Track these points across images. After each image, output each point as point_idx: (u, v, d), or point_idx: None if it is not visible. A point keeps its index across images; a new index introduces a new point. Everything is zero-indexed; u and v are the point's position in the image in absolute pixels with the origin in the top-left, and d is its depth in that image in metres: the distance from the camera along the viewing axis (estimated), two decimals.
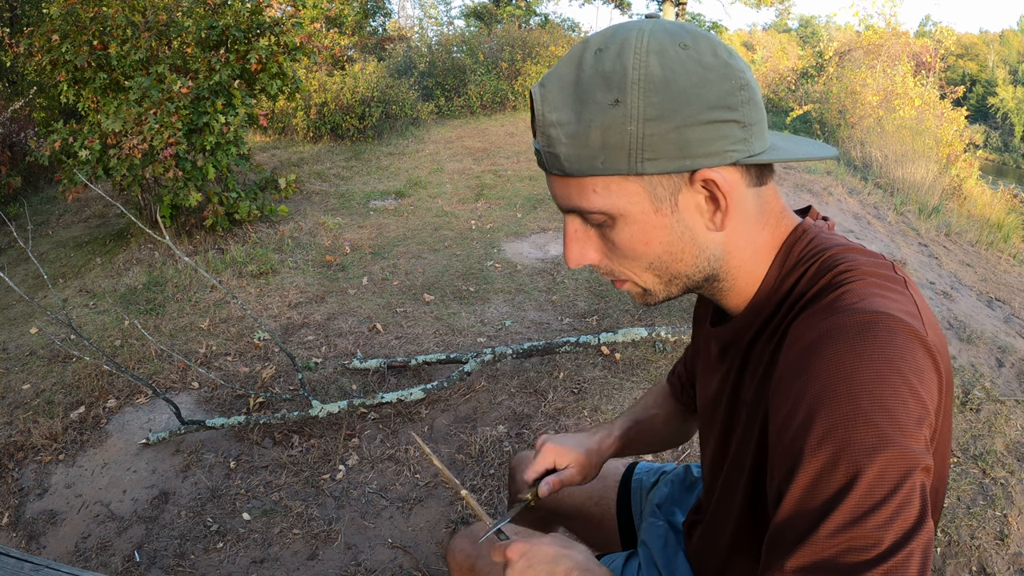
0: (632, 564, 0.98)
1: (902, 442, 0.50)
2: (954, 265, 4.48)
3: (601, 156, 0.57)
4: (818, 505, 0.51)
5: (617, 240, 0.62)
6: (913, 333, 0.53)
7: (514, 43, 10.65)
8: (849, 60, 9.37)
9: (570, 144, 0.58)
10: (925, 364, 0.53)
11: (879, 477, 0.49)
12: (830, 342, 0.54)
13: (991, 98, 28.14)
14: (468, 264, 4.01)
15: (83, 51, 4.14)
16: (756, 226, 0.64)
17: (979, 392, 2.51)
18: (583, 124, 0.56)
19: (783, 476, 0.54)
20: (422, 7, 19.70)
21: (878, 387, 0.51)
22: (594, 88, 0.56)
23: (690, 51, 0.56)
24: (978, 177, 8.10)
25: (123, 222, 4.99)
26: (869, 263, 0.60)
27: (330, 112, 7.82)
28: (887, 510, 0.49)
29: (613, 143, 0.56)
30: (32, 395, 2.66)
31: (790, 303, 0.63)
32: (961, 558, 1.78)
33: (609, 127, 0.56)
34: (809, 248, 0.64)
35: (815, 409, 0.52)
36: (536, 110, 0.59)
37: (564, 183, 0.61)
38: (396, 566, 1.82)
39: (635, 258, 0.63)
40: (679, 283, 0.66)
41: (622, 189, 0.59)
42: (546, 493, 0.93)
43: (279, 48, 4.62)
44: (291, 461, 2.24)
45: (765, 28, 34.92)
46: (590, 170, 0.58)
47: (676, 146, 0.56)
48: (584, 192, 0.60)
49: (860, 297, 0.56)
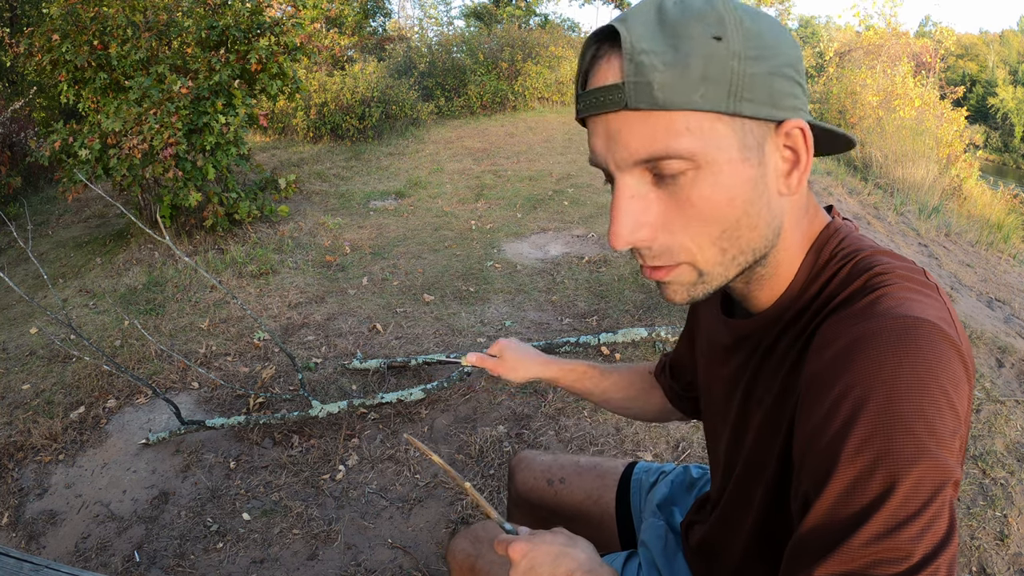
0: (632, 564, 0.98)
1: (938, 454, 0.49)
2: (954, 265, 4.48)
3: (701, 88, 0.52)
4: (852, 513, 0.50)
5: (696, 196, 0.56)
6: (951, 341, 0.52)
7: (514, 43, 10.65)
8: (849, 60, 9.38)
9: (667, 71, 0.52)
10: (960, 374, 0.52)
11: (915, 488, 0.48)
12: (869, 346, 0.52)
13: (991, 98, 28.14)
14: (468, 264, 4.01)
15: (83, 51, 4.14)
16: (800, 212, 0.62)
17: (979, 392, 2.51)
18: (682, 55, 0.52)
19: (815, 481, 0.53)
20: (422, 7, 19.71)
21: (919, 395, 0.50)
22: (689, 24, 0.52)
23: (766, 14, 0.57)
24: (978, 177, 8.10)
25: (123, 222, 4.99)
26: (903, 267, 0.59)
27: (330, 112, 7.82)
28: (920, 522, 0.48)
29: (715, 76, 0.52)
30: (32, 395, 2.66)
31: (820, 304, 0.61)
32: (961, 558, 1.78)
33: (712, 58, 0.52)
34: (841, 248, 0.62)
35: (855, 414, 0.51)
36: (623, 39, 0.53)
37: (645, 122, 0.54)
38: (396, 566, 1.82)
39: (710, 221, 0.57)
40: (741, 261, 0.60)
41: (714, 130, 0.54)
42: (472, 361, 1.07)
43: (279, 48, 4.62)
44: (291, 461, 2.24)
45: None
46: (686, 103, 0.52)
47: (768, 92, 0.54)
48: (673, 130, 0.53)
49: (898, 302, 0.54)
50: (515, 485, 1.22)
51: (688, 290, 0.61)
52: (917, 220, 5.58)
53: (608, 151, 0.57)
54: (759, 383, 0.67)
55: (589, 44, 0.57)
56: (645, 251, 0.59)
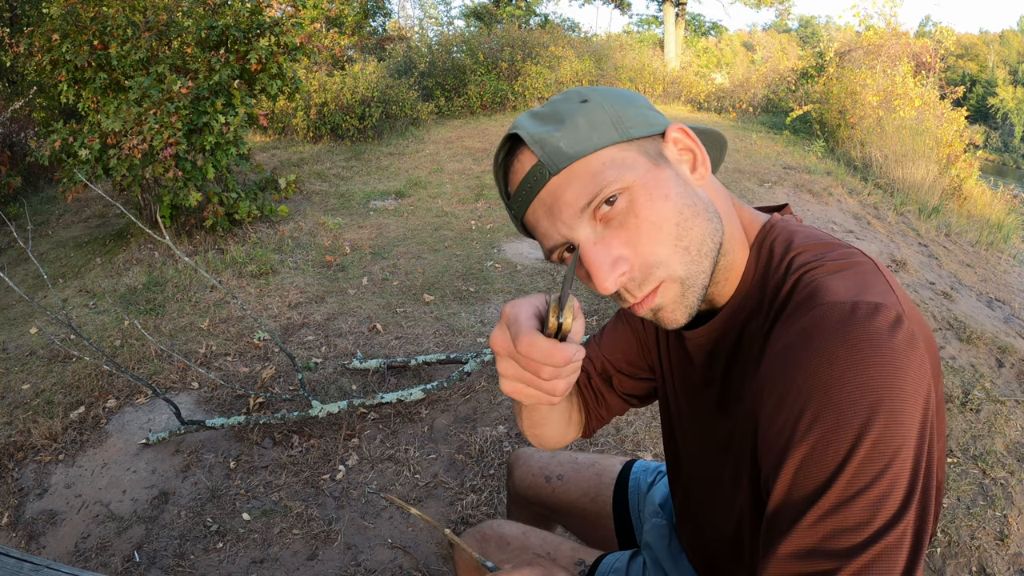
0: (636, 563, 0.98)
1: (890, 419, 0.50)
2: (954, 265, 4.48)
3: (594, 134, 0.62)
4: (809, 490, 0.52)
5: (639, 209, 0.61)
6: (891, 314, 0.54)
7: (514, 43, 10.65)
8: (849, 60, 9.37)
9: (564, 135, 0.62)
10: (909, 340, 0.53)
11: (868, 457, 0.50)
12: (813, 335, 0.54)
13: (991, 98, 28.14)
14: (468, 264, 4.01)
15: (83, 51, 4.14)
16: (726, 200, 0.69)
17: (979, 392, 2.51)
18: (568, 122, 0.62)
19: (772, 466, 0.55)
20: (422, 7, 19.72)
21: (863, 370, 0.51)
22: (558, 107, 0.65)
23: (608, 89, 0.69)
24: (978, 177, 8.09)
25: (123, 222, 4.99)
26: (837, 253, 0.62)
27: (330, 112, 7.82)
28: (877, 490, 0.49)
29: (599, 122, 0.63)
30: (32, 395, 2.66)
31: (767, 306, 0.63)
32: (961, 558, 1.78)
33: (589, 113, 0.63)
34: (781, 243, 0.66)
35: (802, 399, 0.53)
36: (523, 135, 0.63)
37: (572, 176, 0.62)
38: (396, 566, 1.82)
39: (661, 223, 0.61)
40: (706, 251, 0.63)
41: (623, 156, 0.62)
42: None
43: (279, 48, 4.62)
44: (291, 461, 2.24)
45: (765, 28, 34.91)
46: (589, 147, 0.61)
47: (642, 120, 0.64)
48: (594, 170, 0.61)
49: (832, 290, 0.57)
50: (513, 482, 1.22)
51: (680, 303, 0.65)
52: (917, 220, 5.58)
53: (555, 221, 0.63)
54: (732, 388, 0.69)
55: (497, 163, 0.67)
56: (629, 283, 0.63)
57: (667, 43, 16.55)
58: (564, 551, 1.01)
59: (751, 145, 7.77)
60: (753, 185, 5.71)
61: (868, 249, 4.22)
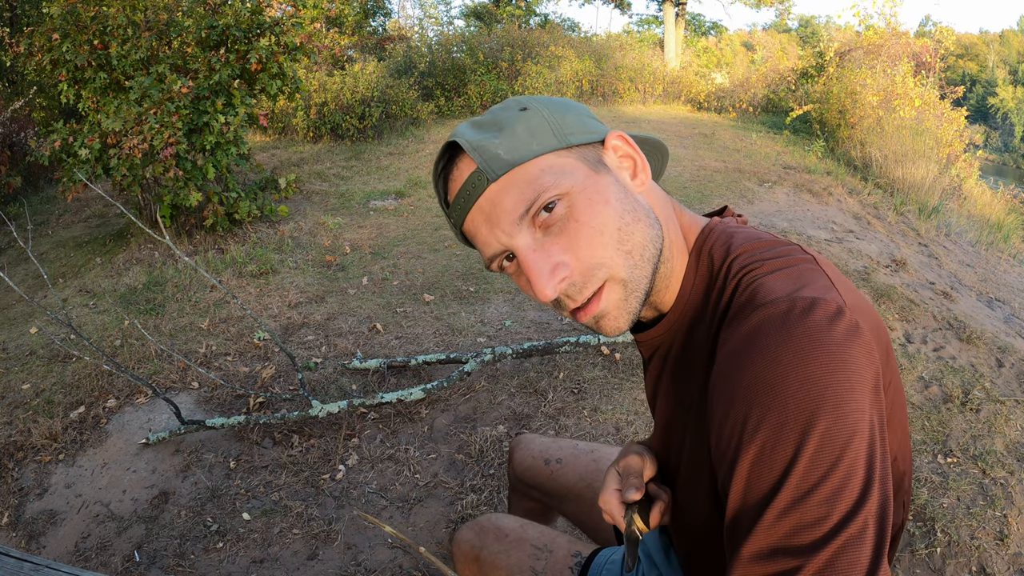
0: None
1: (836, 411, 0.50)
2: (954, 265, 4.48)
3: (533, 141, 0.62)
4: (764, 490, 0.52)
5: (579, 214, 0.62)
6: (829, 306, 0.54)
7: (514, 43, 10.65)
8: (849, 60, 9.36)
9: (503, 142, 0.62)
10: (850, 330, 0.53)
11: (818, 451, 0.50)
12: (755, 337, 0.55)
13: (991, 98, 28.14)
14: (468, 264, 4.01)
15: (83, 51, 4.14)
16: (666, 206, 0.70)
17: (979, 392, 2.51)
18: (507, 130, 0.63)
19: (726, 472, 0.55)
20: (422, 7, 19.72)
21: (804, 365, 0.51)
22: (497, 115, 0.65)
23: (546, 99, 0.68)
24: (978, 177, 8.10)
25: (123, 222, 4.99)
26: (773, 252, 0.62)
27: (330, 112, 7.82)
28: (832, 482, 0.49)
29: (537, 129, 0.63)
30: (32, 395, 2.66)
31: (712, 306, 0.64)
32: (961, 558, 1.78)
33: (528, 120, 0.63)
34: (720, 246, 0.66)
35: (747, 401, 0.53)
36: (462, 143, 0.63)
37: (510, 184, 0.62)
38: (396, 566, 1.82)
39: (602, 228, 0.62)
40: (648, 256, 0.64)
41: (562, 163, 0.63)
42: (656, 521, 0.75)
43: (279, 48, 4.62)
44: (291, 461, 2.24)
45: (765, 28, 34.90)
46: (529, 153, 0.62)
47: (582, 127, 0.65)
48: (532, 176, 0.62)
49: (772, 287, 0.57)
50: (513, 466, 1.24)
51: (622, 308, 0.64)
52: (917, 220, 5.58)
53: (494, 229, 0.63)
54: (679, 390, 0.70)
55: (436, 172, 0.67)
56: (570, 288, 0.63)
57: (667, 43, 16.54)
58: (561, 544, 1.01)
59: (751, 145, 7.77)
60: (753, 185, 5.71)
61: (868, 249, 4.22)
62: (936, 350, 2.85)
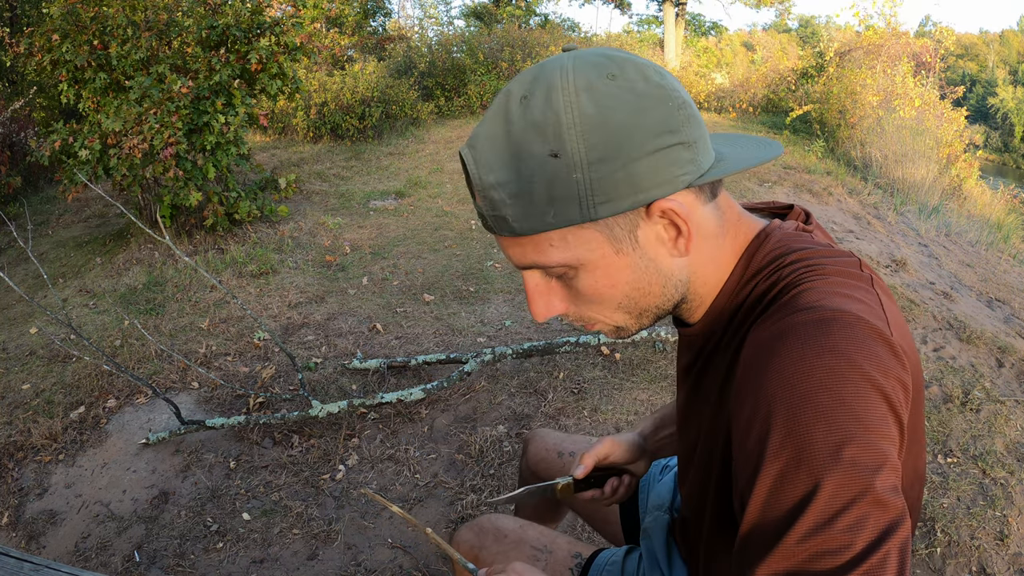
0: (632, 558, 0.99)
1: (867, 439, 0.49)
2: (954, 265, 4.48)
3: (551, 211, 0.54)
4: (784, 510, 0.50)
5: (582, 288, 0.60)
6: (873, 329, 0.52)
7: (514, 43, 10.64)
8: (849, 60, 9.36)
9: (515, 204, 0.55)
10: (888, 360, 0.51)
11: (845, 478, 0.48)
12: (786, 341, 0.52)
13: (991, 98, 28.14)
14: (468, 264, 4.01)
15: (83, 51, 4.14)
16: (718, 239, 0.63)
17: (979, 392, 2.51)
18: (524, 180, 0.54)
19: (746, 482, 0.53)
20: (422, 7, 19.70)
21: (838, 384, 0.49)
22: (528, 141, 0.53)
23: (619, 80, 0.53)
24: (978, 177, 8.10)
25: (123, 222, 4.99)
26: (832, 262, 0.59)
27: (330, 112, 7.81)
28: (856, 511, 0.48)
29: (560, 195, 0.53)
30: (32, 395, 2.66)
31: (748, 307, 0.62)
32: (961, 558, 1.78)
33: (553, 180, 0.53)
34: (771, 253, 0.63)
35: (773, 411, 0.51)
36: (471, 174, 0.56)
37: (517, 243, 0.58)
38: (396, 566, 1.82)
39: (602, 302, 0.62)
40: (650, 314, 0.64)
41: (579, 238, 0.56)
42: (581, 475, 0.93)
43: (279, 48, 4.62)
44: (291, 461, 2.24)
45: (765, 28, 34.89)
46: (542, 226, 0.55)
47: (626, 184, 0.53)
48: (540, 248, 0.57)
49: (818, 296, 0.55)
50: (527, 458, 1.25)
51: (615, 334, 0.67)
52: (917, 220, 5.58)
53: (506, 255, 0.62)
54: (702, 389, 0.69)
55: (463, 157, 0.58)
56: (566, 318, 0.65)
57: (667, 43, 16.55)
58: (560, 545, 1.01)
59: None
60: (753, 185, 5.72)
61: (868, 249, 4.22)
62: (936, 350, 2.85)
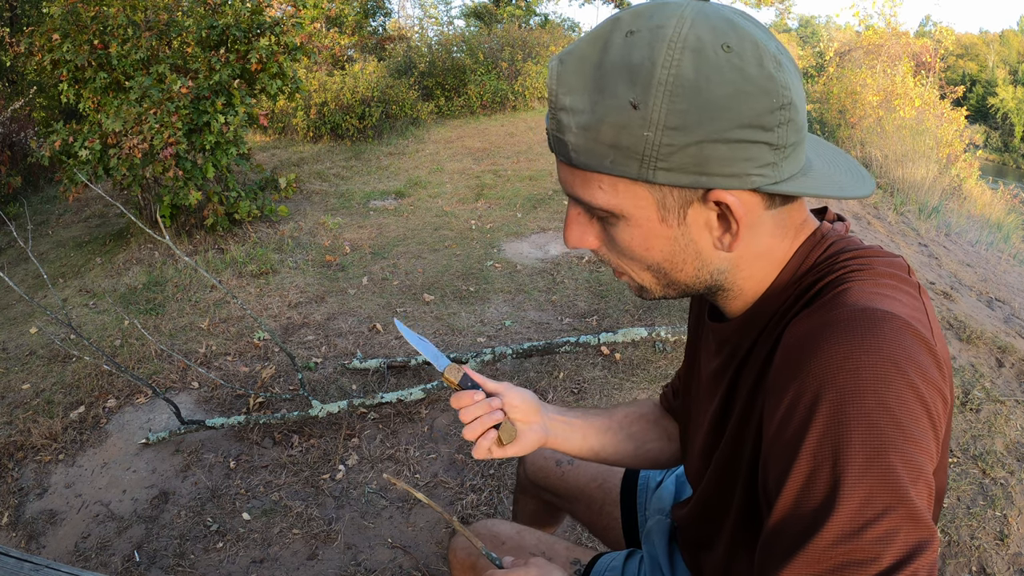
0: (633, 562, 0.98)
1: (906, 449, 0.47)
2: (954, 265, 4.48)
3: (611, 155, 0.52)
4: (814, 509, 0.48)
5: (618, 238, 0.60)
6: (920, 336, 0.50)
7: (514, 43, 10.64)
8: (849, 60, 9.37)
9: (580, 135, 0.53)
10: (931, 369, 0.50)
11: (880, 485, 0.46)
12: (834, 332, 0.50)
13: (991, 98, 28.14)
14: (468, 264, 4.01)
15: (84, 51, 4.14)
16: (771, 240, 0.60)
17: (979, 392, 2.51)
18: (596, 117, 0.51)
19: (778, 475, 0.51)
20: (422, 7, 19.70)
21: (884, 387, 0.47)
22: (616, 79, 0.51)
23: (732, 55, 0.50)
24: (978, 177, 8.10)
25: (123, 222, 4.99)
26: (882, 263, 0.58)
27: (330, 112, 7.82)
28: (887, 522, 0.46)
29: (625, 145, 0.51)
30: (32, 395, 2.66)
31: (791, 301, 0.61)
32: (961, 558, 1.78)
33: (624, 127, 0.51)
34: (827, 253, 0.61)
35: (813, 408, 0.49)
36: (550, 88, 0.54)
37: (571, 171, 0.57)
38: (396, 566, 1.82)
39: (633, 259, 0.61)
40: (676, 288, 0.63)
41: (629, 191, 0.55)
42: (455, 381, 0.83)
43: (279, 48, 4.62)
44: (291, 461, 2.24)
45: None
46: (597, 166, 0.54)
47: (694, 161, 0.51)
48: (589, 186, 0.56)
49: (865, 295, 0.53)
50: (524, 466, 1.24)
51: (638, 292, 0.66)
52: (917, 220, 5.58)
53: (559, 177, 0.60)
54: (740, 384, 0.67)
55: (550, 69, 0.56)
56: (596, 254, 0.64)
57: None
58: (559, 550, 1.01)
59: None
60: None
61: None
62: None
